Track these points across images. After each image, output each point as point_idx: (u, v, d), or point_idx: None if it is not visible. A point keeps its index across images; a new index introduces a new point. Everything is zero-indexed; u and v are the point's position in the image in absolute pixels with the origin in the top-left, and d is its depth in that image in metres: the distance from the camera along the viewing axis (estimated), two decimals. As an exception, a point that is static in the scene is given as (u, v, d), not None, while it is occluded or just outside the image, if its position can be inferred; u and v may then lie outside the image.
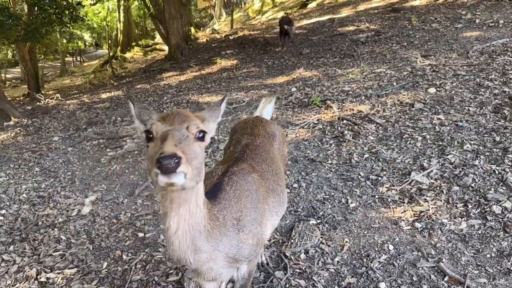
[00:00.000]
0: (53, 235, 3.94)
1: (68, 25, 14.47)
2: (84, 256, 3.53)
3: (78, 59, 37.29)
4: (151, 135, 1.52)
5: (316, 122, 5.86)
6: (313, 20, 16.73)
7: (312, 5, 21.96)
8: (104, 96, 11.37)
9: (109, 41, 26.93)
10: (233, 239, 1.87)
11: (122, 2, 24.66)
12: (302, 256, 3.13)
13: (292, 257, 3.12)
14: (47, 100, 11.44)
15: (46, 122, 8.60)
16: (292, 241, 3.30)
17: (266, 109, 3.11)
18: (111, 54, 23.23)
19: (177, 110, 1.62)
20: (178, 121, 1.52)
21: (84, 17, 16.11)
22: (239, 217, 1.93)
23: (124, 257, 3.45)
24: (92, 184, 5.04)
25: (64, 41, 27.87)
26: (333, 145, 5.07)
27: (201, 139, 1.56)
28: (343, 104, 6.28)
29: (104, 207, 4.38)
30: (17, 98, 15.17)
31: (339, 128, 5.47)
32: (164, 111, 8.01)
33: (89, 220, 4.16)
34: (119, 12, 25.94)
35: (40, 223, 4.21)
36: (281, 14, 22.34)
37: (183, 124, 1.52)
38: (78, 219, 4.22)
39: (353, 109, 5.98)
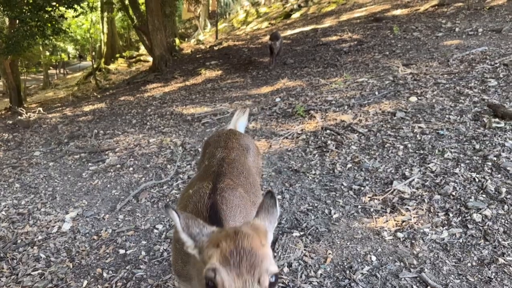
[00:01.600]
0: (32, 254, 3.85)
1: (51, 37, 14.37)
2: (63, 275, 3.45)
3: (62, 71, 37.00)
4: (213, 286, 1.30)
5: (300, 132, 5.87)
6: (297, 30, 16.87)
7: (295, 15, 22.16)
8: (87, 109, 11.26)
9: (93, 53, 26.78)
10: None
11: (105, 14, 24.60)
12: (285, 269, 3.10)
13: (275, 271, 3.09)
14: (28, 114, 11.27)
15: (28, 137, 8.47)
16: (275, 254, 3.27)
17: (240, 122, 3.09)
18: (95, 66, 23.09)
19: (242, 240, 1.34)
20: (247, 267, 1.28)
21: (67, 30, 16.00)
22: None
23: (105, 275, 3.38)
24: (73, 199, 4.95)
25: (47, 53, 27.66)
26: (316, 155, 5.07)
27: (273, 285, 1.33)
28: (326, 114, 6.31)
29: (85, 223, 4.30)
30: (-1, 112, 14.95)
31: (322, 138, 5.48)
32: (148, 123, 7.96)
33: (69, 237, 4.07)
34: (102, 24, 25.85)
35: (19, 241, 4.12)
36: (265, 24, 22.52)
37: (255, 275, 1.27)
38: (58, 236, 4.13)
39: (336, 119, 6.01)
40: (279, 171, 4.80)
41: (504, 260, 2.85)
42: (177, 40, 21.78)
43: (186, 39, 26.58)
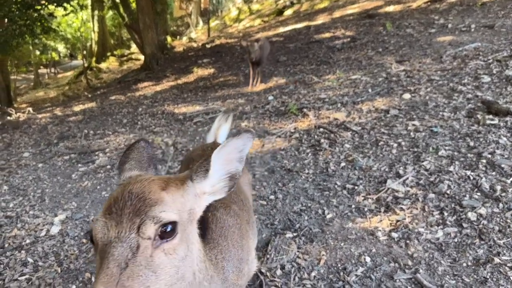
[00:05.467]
0: (20, 258, 3.75)
1: (40, 36, 14.23)
2: (51, 280, 3.36)
3: (52, 70, 36.66)
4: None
5: (293, 130, 5.81)
6: (290, 27, 16.79)
7: (288, 12, 22.08)
8: (77, 108, 11.12)
9: (84, 52, 26.54)
10: (225, 281, 1.66)
11: (96, 12, 24.37)
12: (278, 272, 3.04)
13: (268, 274, 3.03)
14: (18, 114, 11.12)
15: (17, 138, 8.33)
16: (268, 256, 3.21)
17: (222, 130, 2.75)
18: (86, 65, 22.87)
19: (133, 185, 1.18)
20: (127, 215, 1.10)
21: (57, 28, 15.85)
22: (228, 257, 1.73)
23: (94, 279, 3.29)
24: (62, 202, 4.85)
25: (37, 52, 27.36)
26: (309, 154, 5.01)
27: (169, 235, 1.12)
28: (320, 112, 6.25)
29: (74, 226, 4.21)
30: (-12, 113, 14.74)
31: (316, 136, 5.42)
32: (139, 123, 7.86)
33: (58, 241, 3.98)
34: (93, 22, 25.61)
35: (6, 245, 4.01)
36: (258, 21, 22.40)
37: (134, 222, 1.09)
38: (47, 239, 4.04)
39: (329, 117, 5.95)
40: (272, 170, 4.74)
41: (500, 259, 2.81)
42: (168, 38, 21.62)
43: (178, 37, 26.39)
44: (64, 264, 3.57)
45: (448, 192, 3.62)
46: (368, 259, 3.03)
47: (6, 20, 12.87)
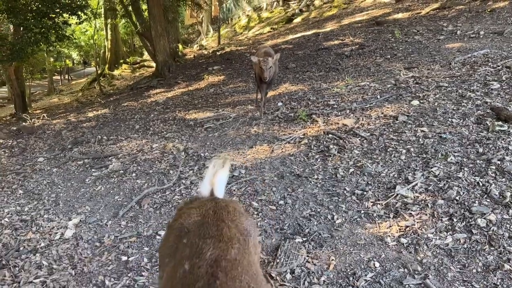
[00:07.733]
0: (35, 261, 3.84)
1: (55, 44, 14.50)
2: (66, 283, 3.44)
3: (66, 77, 37.21)
4: None
5: (302, 136, 5.86)
6: (299, 34, 16.89)
7: (297, 20, 22.20)
8: (90, 114, 11.29)
9: (97, 59, 26.91)
10: None
11: (109, 20, 24.75)
12: (288, 276, 3.08)
13: (277, 278, 3.07)
14: (33, 120, 11.31)
15: (32, 143, 8.48)
16: (278, 260, 3.25)
17: (219, 178, 2.06)
18: (99, 72, 23.19)
19: None
20: None
21: (71, 36, 16.13)
22: None
23: (107, 282, 3.37)
24: (76, 206, 4.95)
25: (52, 59, 27.83)
26: (319, 159, 5.06)
27: None
28: (329, 118, 6.30)
29: (88, 230, 4.29)
30: (3, 118, 15.00)
31: (325, 142, 5.46)
32: (151, 129, 7.96)
33: (72, 244, 4.06)
34: (106, 30, 26.01)
35: (21, 248, 4.11)
36: (267, 29, 22.54)
37: None
38: (61, 243, 4.13)
39: (338, 123, 6.00)
40: (282, 175, 4.79)
41: (510, 266, 2.82)
42: (180, 46, 21.86)
43: (189, 45, 26.67)
44: (78, 267, 3.65)
45: (457, 198, 3.64)
46: (377, 264, 3.07)
47: (21, 28, 13.16)
